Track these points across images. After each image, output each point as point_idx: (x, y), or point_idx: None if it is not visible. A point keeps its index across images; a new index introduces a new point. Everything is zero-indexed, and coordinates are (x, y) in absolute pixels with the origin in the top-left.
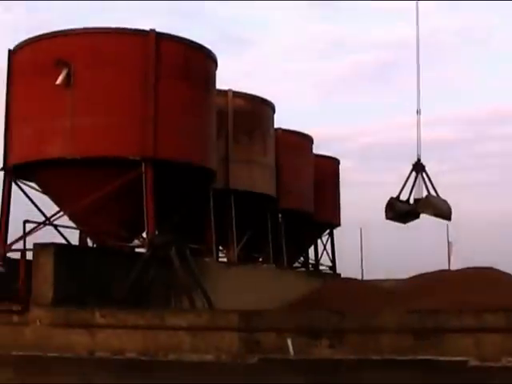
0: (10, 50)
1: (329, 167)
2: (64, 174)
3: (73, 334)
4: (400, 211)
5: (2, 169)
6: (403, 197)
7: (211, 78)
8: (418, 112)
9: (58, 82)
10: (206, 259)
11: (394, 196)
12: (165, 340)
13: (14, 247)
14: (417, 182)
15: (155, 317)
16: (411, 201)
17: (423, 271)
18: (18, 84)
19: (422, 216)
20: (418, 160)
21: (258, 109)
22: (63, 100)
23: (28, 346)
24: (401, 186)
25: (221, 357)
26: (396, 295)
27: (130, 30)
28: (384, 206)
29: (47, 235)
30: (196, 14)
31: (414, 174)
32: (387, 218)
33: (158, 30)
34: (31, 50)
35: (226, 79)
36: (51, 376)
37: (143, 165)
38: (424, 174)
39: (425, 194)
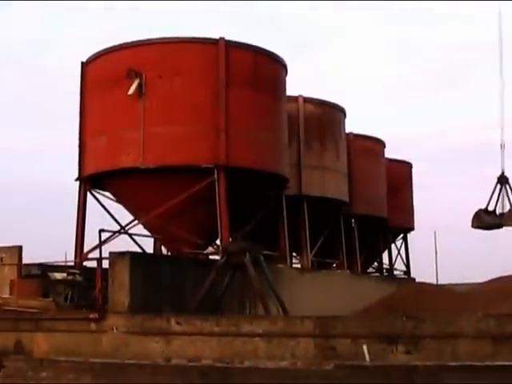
0: (82, 63)
1: (401, 171)
2: (137, 183)
3: (149, 341)
4: (486, 223)
5: (78, 179)
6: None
7: (281, 84)
8: (502, 146)
9: (130, 92)
10: (280, 266)
11: (480, 206)
12: (240, 347)
13: (90, 256)
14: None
15: (230, 324)
16: (497, 210)
17: (499, 275)
18: (91, 95)
19: None
20: (502, 173)
21: (329, 114)
22: (135, 110)
23: (105, 353)
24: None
25: (296, 363)
26: (472, 299)
27: (200, 38)
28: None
29: (122, 244)
30: (265, 20)
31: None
32: (473, 227)
33: (227, 38)
34: (103, 61)
35: (296, 85)
36: (130, 382)
37: (216, 172)
38: (508, 187)
39: (508, 206)
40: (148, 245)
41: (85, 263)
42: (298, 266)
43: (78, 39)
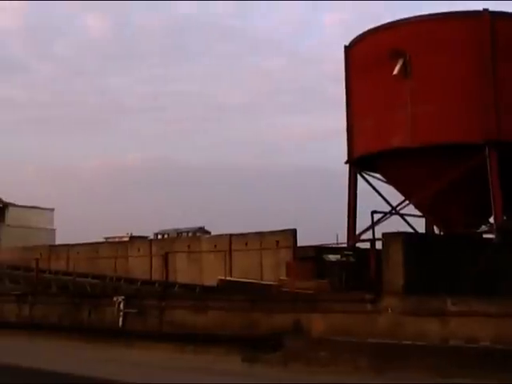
0: (345, 46)
1: None
2: (407, 164)
3: (424, 322)
4: None
5: (347, 162)
6: None
7: None
8: None
9: (395, 72)
10: None
11: None
12: None
13: (362, 237)
14: None
15: (510, 304)
16: None
17: None
18: (356, 78)
19: None
20: None
21: None
22: (401, 90)
23: (381, 333)
24: None
25: None
26: None
27: (462, 12)
28: None
29: (394, 224)
30: None
31: None
32: None
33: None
34: (366, 43)
35: None
36: (409, 364)
37: (486, 149)
38: None
39: None
40: (419, 225)
41: (357, 245)
42: None
43: (335, 24)
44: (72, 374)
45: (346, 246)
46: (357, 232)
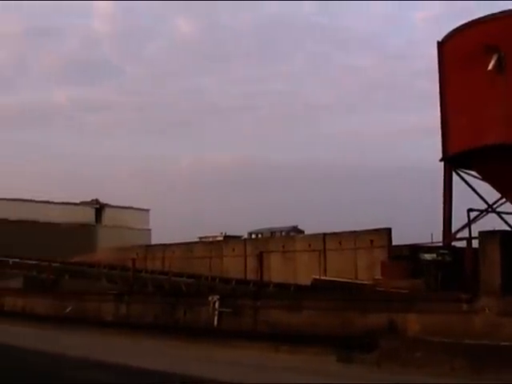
0: (438, 42)
1: None
2: (503, 161)
3: None
4: None
5: (442, 159)
6: None
7: None
8: None
9: (490, 68)
10: None
11: None
12: None
13: (458, 236)
14: None
15: None
16: None
17: None
18: (450, 74)
19: None
20: None
21: None
22: (496, 86)
23: (477, 334)
24: None
25: None
26: None
27: None
28: None
29: (490, 222)
30: None
31: None
32: None
33: None
34: (460, 38)
35: None
36: (506, 366)
37: None
38: None
39: None
40: None
41: (452, 243)
42: None
43: (425, 21)
44: (173, 374)
45: (441, 244)
46: (452, 230)
